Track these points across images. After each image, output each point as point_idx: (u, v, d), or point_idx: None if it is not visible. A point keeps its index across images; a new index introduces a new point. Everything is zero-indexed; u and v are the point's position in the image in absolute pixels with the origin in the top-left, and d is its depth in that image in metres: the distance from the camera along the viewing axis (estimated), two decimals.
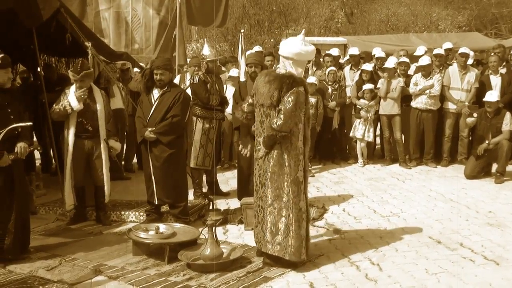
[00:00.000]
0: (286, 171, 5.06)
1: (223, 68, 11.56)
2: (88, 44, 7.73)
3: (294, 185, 5.07)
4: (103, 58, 8.40)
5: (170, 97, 6.67)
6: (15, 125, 5.42)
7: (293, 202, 5.07)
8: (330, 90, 10.11)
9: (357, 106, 9.98)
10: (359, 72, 10.28)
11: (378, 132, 10.58)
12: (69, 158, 6.75)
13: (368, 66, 10.07)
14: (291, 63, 5.17)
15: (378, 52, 10.95)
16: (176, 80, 9.66)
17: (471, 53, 10.51)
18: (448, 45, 11.21)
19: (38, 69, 8.71)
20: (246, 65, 7.85)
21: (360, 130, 9.87)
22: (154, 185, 6.69)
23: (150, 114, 6.66)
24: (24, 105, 5.95)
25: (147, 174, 6.76)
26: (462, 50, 9.86)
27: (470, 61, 10.22)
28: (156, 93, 6.75)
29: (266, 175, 5.16)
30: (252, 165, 7.16)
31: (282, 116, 4.94)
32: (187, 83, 8.88)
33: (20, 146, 5.45)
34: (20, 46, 8.68)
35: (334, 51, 10.93)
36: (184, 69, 10.06)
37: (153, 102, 6.71)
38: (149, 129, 6.57)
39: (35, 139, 9.09)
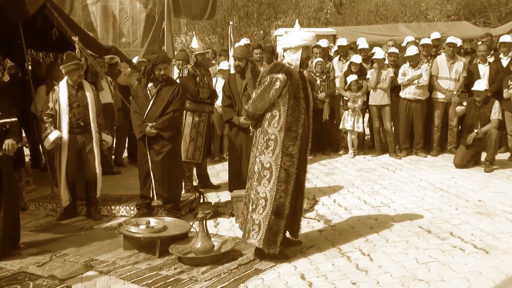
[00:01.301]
0: (254, 152, 5.23)
1: (213, 61, 11.54)
2: (75, 38, 7.68)
3: (256, 166, 5.15)
4: (90, 52, 8.36)
5: (168, 92, 6.58)
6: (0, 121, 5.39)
7: (252, 183, 5.17)
8: (318, 82, 10.10)
9: (344, 97, 10.00)
10: (347, 63, 10.26)
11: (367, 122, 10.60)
12: (63, 154, 6.72)
13: (357, 59, 10.02)
14: (287, 53, 5.28)
15: (362, 43, 10.92)
16: None
17: (459, 41, 10.53)
18: (436, 35, 11.22)
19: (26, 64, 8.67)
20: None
21: (350, 122, 9.89)
22: (153, 181, 6.60)
23: (148, 109, 6.58)
24: (12, 101, 5.92)
25: (145, 170, 6.66)
26: (449, 39, 9.88)
27: (459, 43, 10.28)
28: (151, 87, 6.65)
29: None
30: (242, 157, 7.19)
31: (252, 99, 5.18)
32: (174, 76, 8.85)
33: (8, 143, 5.41)
34: (8, 42, 8.62)
35: (323, 42, 10.91)
36: (172, 63, 10.03)
37: (150, 96, 6.62)
38: (150, 124, 6.49)
39: (24, 135, 9.04)
